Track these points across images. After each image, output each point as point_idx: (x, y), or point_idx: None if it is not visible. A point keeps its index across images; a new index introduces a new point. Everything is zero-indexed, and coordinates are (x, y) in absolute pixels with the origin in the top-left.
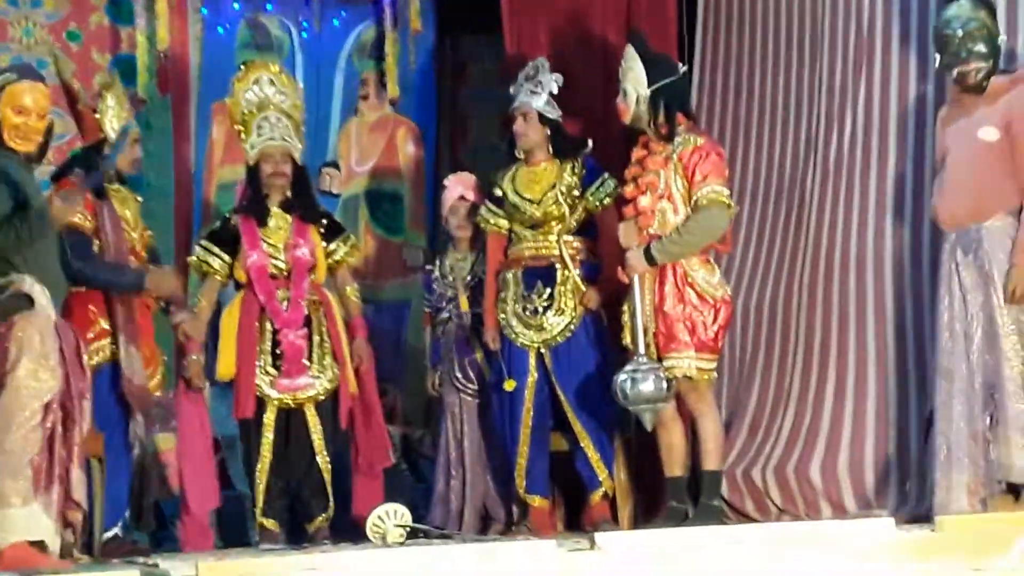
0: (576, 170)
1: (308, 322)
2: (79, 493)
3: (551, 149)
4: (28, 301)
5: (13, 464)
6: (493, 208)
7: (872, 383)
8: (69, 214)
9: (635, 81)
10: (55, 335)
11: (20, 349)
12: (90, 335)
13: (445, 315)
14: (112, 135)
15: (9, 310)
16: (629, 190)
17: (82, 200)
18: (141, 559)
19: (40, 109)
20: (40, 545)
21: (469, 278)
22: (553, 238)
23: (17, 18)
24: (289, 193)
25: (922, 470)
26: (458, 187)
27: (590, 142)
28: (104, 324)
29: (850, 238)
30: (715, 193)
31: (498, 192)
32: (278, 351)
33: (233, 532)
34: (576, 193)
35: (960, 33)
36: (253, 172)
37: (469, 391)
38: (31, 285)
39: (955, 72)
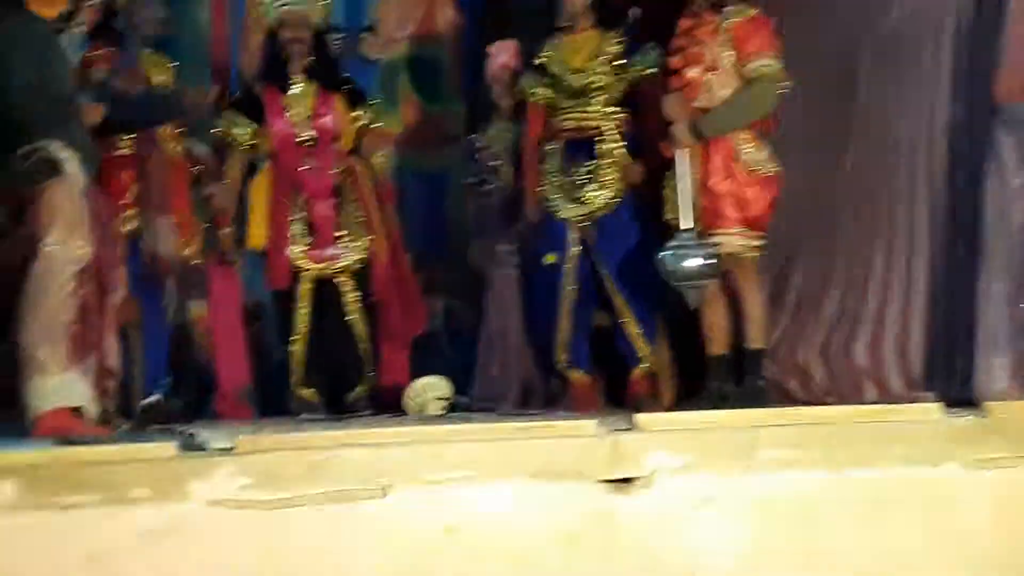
0: (620, 39)
1: (337, 191)
2: (114, 360)
3: (596, 17)
4: (59, 167)
5: (49, 331)
6: (534, 78)
7: (922, 262)
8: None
9: None
10: (86, 202)
11: (51, 217)
12: (124, 202)
13: (488, 186)
14: None
15: (38, 177)
16: (675, 60)
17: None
18: (179, 428)
19: None
20: (78, 411)
21: (512, 147)
22: (596, 109)
23: None
24: (311, 59)
25: (967, 352)
26: (503, 54)
27: (638, 10)
28: (136, 191)
29: (902, 115)
30: (767, 67)
31: (541, 61)
32: (309, 221)
33: (272, 401)
34: (620, 63)
35: None
36: (272, 38)
37: (512, 263)
38: (61, 151)
39: None
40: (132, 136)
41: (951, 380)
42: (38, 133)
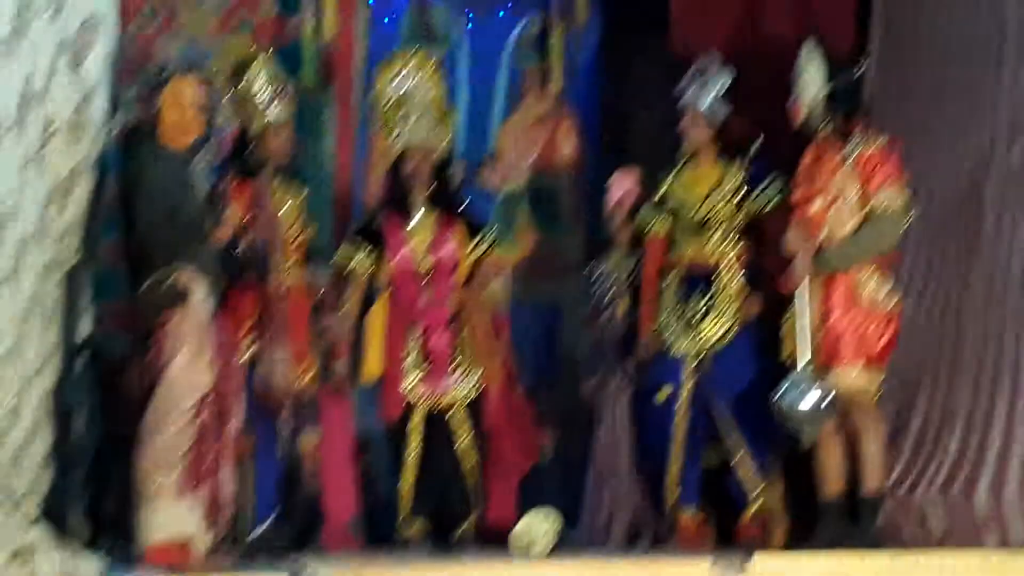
0: (742, 171)
1: (453, 322)
2: (228, 490)
3: (717, 150)
4: (187, 294)
5: (166, 459)
6: (654, 210)
7: None
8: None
9: (811, 81)
10: (211, 330)
11: (177, 343)
12: (243, 331)
13: (604, 318)
14: (265, 110)
15: (166, 304)
16: (799, 193)
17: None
18: (288, 559)
19: (200, 104)
20: (188, 542)
21: (629, 279)
22: (716, 241)
23: (188, 6)
24: (432, 189)
25: None
26: (623, 185)
27: (758, 142)
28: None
29: None
30: (893, 200)
31: (661, 192)
32: (425, 352)
33: (379, 532)
34: (741, 195)
35: None
36: (395, 168)
37: (624, 398)
38: (191, 278)
39: None
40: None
41: None
42: (168, 260)
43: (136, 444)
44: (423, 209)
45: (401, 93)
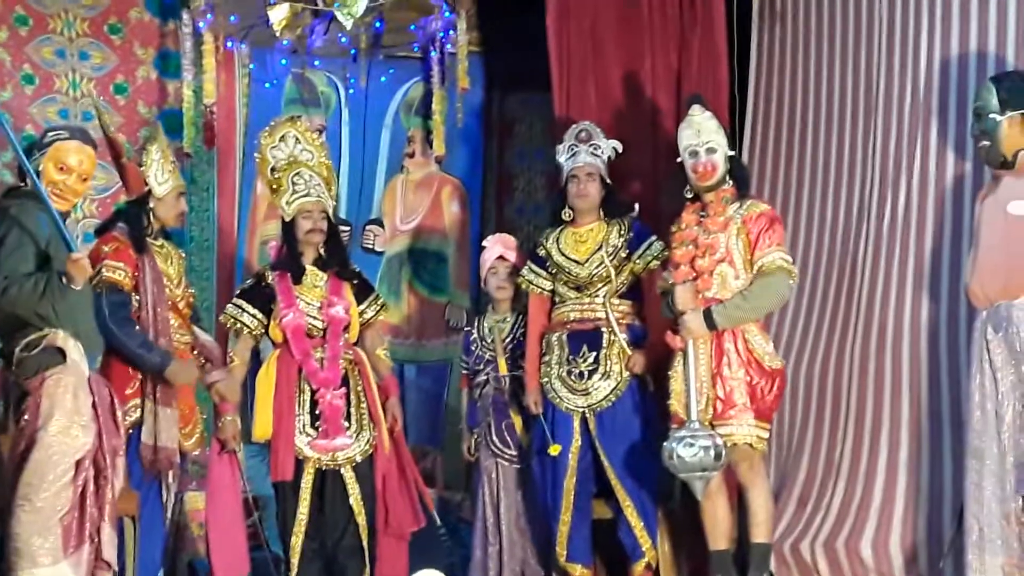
0: (623, 232)
1: (344, 381)
2: (110, 552)
3: (602, 212)
4: (61, 356)
5: (43, 522)
6: (536, 269)
7: (925, 458)
8: (85, 270)
9: (719, 138)
10: (88, 390)
11: (52, 405)
12: (128, 391)
13: (483, 377)
14: (157, 188)
15: (41, 365)
16: (681, 253)
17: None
18: None
19: (83, 172)
20: None
21: (508, 340)
22: (599, 301)
23: (64, 70)
24: (323, 250)
25: (958, 550)
26: (497, 247)
27: (637, 205)
28: (141, 380)
29: (903, 309)
30: (782, 260)
31: (542, 252)
32: (316, 411)
33: None
34: (623, 255)
35: (975, 111)
36: (288, 228)
37: (506, 456)
38: (64, 339)
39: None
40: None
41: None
42: (40, 323)
43: (11, 509)
44: (315, 269)
45: (289, 157)
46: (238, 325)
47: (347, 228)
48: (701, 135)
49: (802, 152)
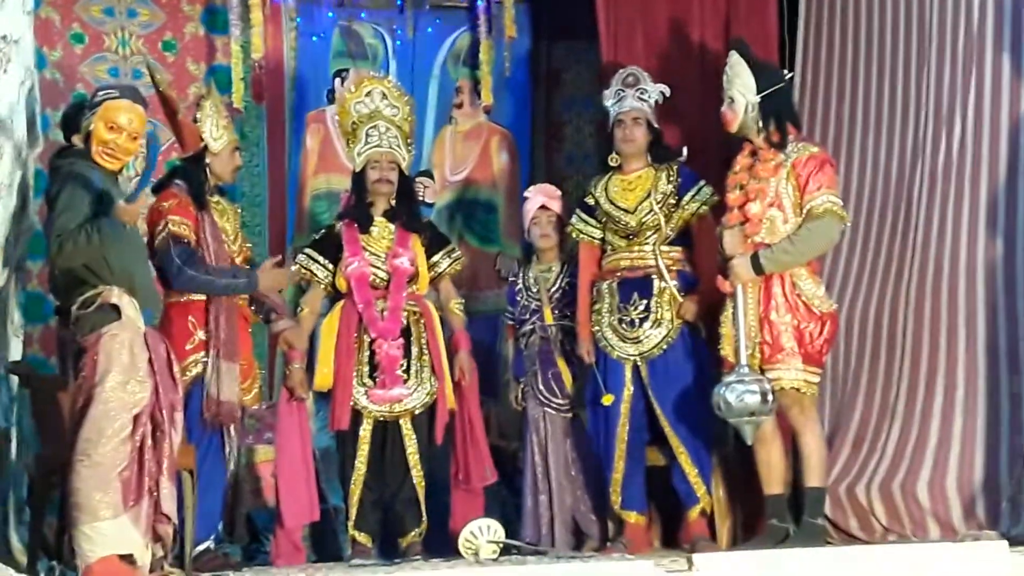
0: (672, 178)
1: (407, 333)
2: (169, 506)
3: (649, 157)
4: (116, 312)
5: (103, 476)
6: (585, 217)
7: (982, 398)
8: (134, 214)
9: (743, 88)
10: (144, 346)
11: (109, 361)
12: (188, 347)
13: (529, 327)
14: (213, 143)
15: (96, 322)
16: (733, 197)
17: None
18: (232, 573)
19: (134, 131)
20: (129, 558)
21: (554, 289)
22: (649, 248)
23: (113, 28)
24: (393, 202)
25: (1016, 492)
26: (539, 197)
27: (686, 150)
28: (202, 336)
29: (959, 247)
30: (830, 203)
31: (591, 201)
32: (375, 361)
33: (325, 545)
34: (672, 202)
35: None
36: (359, 179)
37: (554, 405)
38: (119, 296)
39: None
40: None
41: (1015, 519)
42: (95, 280)
43: (72, 465)
44: (383, 220)
45: (372, 112)
46: (308, 274)
47: (429, 182)
48: (728, 84)
49: (854, 91)
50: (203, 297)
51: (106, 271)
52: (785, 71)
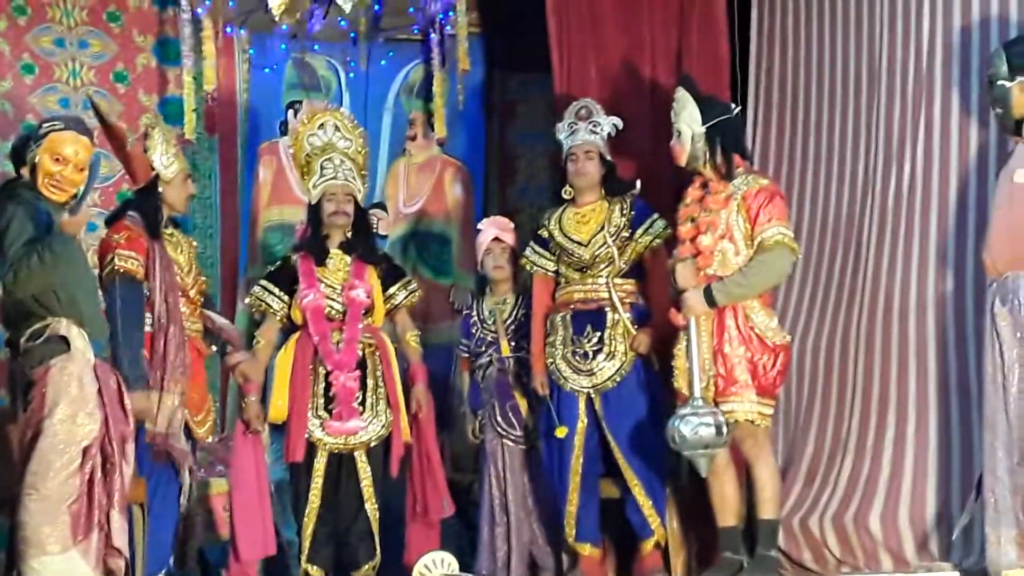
0: (625, 211)
1: (362, 365)
2: (120, 539)
3: (603, 190)
4: (65, 344)
5: (51, 510)
6: (539, 250)
7: (933, 431)
8: (78, 226)
9: (689, 120)
10: (94, 378)
11: (57, 394)
12: None
13: (485, 359)
14: (164, 171)
15: (45, 354)
16: (685, 230)
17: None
18: None
19: (79, 162)
20: None
21: (510, 321)
22: (602, 280)
23: (64, 59)
24: (349, 234)
25: (980, 522)
26: (492, 229)
27: (639, 183)
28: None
29: (909, 283)
30: (781, 235)
31: (544, 233)
32: (330, 394)
33: None
34: (625, 234)
35: (988, 78)
36: (314, 211)
37: (511, 437)
38: (68, 327)
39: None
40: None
41: (967, 550)
42: (43, 313)
43: (20, 498)
44: (339, 252)
45: (325, 144)
46: (263, 306)
47: (383, 214)
48: (675, 117)
49: (806, 126)
50: (150, 328)
51: (55, 302)
52: (732, 104)
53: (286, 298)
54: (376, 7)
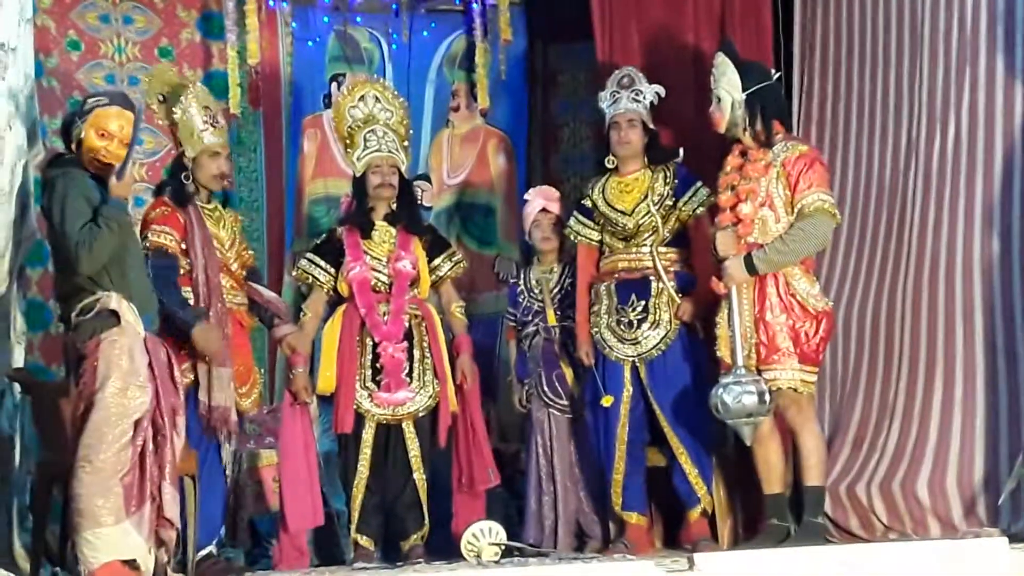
0: (668, 179)
1: (408, 336)
2: (172, 511)
3: (646, 159)
4: (115, 318)
5: (104, 482)
6: (583, 219)
7: (981, 395)
8: (127, 189)
9: (729, 87)
10: (144, 351)
11: (108, 367)
12: (183, 351)
13: (532, 329)
14: (188, 150)
15: (96, 328)
16: (725, 198)
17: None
18: None
19: (124, 137)
20: (132, 564)
21: (556, 290)
22: (646, 249)
23: (109, 35)
24: (394, 206)
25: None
26: (539, 199)
27: (682, 151)
28: None
29: (955, 245)
30: (821, 201)
31: (588, 203)
32: (378, 365)
33: (327, 549)
34: (669, 203)
35: None
36: (359, 183)
37: (558, 406)
38: (118, 302)
39: None
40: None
41: (1015, 515)
42: (93, 287)
43: (73, 471)
44: (384, 224)
45: (367, 116)
46: (310, 279)
47: (427, 185)
48: (714, 84)
49: (848, 91)
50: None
51: (105, 277)
52: (773, 70)
53: (332, 270)
54: None
